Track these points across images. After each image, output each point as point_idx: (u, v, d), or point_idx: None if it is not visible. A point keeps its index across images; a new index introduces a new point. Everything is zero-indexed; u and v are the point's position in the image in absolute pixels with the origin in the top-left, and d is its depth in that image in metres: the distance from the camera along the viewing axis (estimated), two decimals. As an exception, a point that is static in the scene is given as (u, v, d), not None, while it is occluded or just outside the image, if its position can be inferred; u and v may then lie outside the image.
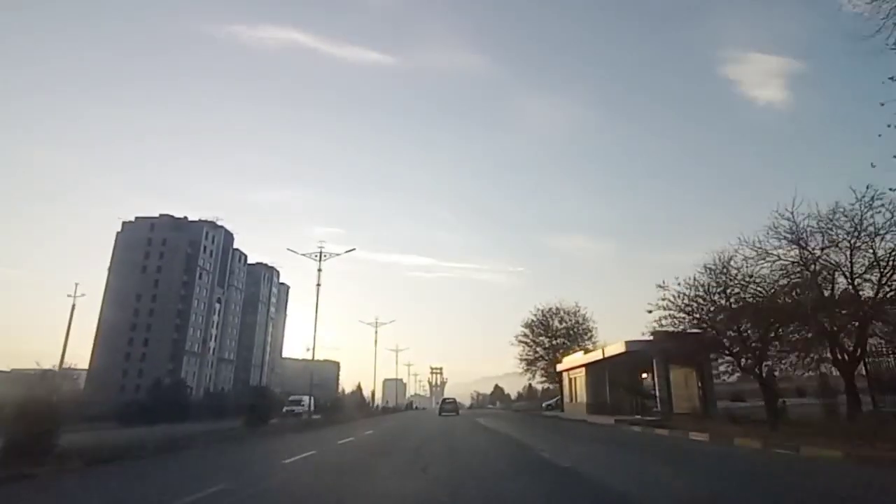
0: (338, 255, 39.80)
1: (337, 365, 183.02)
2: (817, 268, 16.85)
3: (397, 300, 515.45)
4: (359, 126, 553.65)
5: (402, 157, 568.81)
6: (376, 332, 64.43)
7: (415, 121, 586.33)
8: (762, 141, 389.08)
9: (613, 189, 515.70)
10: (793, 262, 17.28)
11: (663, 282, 20.08)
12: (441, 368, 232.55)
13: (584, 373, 35.26)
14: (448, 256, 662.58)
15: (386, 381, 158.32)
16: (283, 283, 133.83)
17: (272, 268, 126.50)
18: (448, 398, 63.05)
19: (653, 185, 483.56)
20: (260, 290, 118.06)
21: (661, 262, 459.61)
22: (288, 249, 40.78)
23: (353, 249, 42.92)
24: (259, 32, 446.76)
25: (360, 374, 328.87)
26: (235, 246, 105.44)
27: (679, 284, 19.87)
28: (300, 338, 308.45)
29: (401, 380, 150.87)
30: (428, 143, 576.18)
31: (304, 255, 39.26)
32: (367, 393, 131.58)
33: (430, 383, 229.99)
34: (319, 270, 38.22)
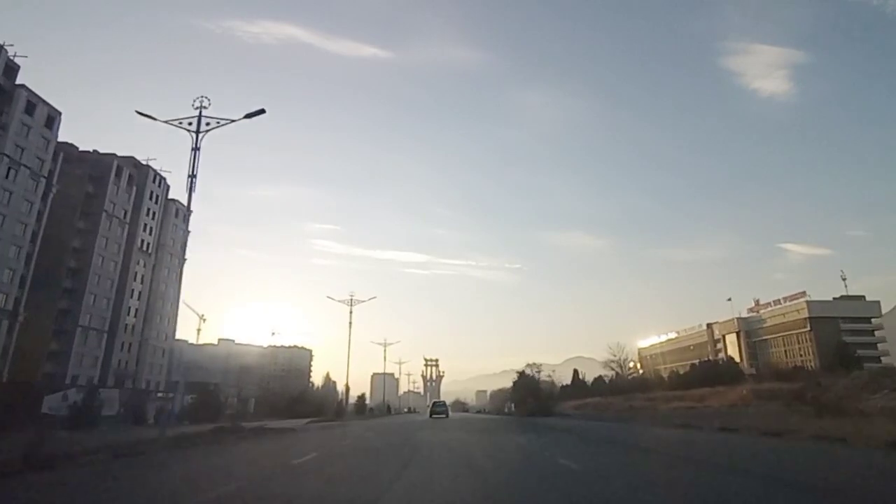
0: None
1: (309, 353, 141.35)
2: None
3: (393, 296, 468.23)
4: (354, 121, 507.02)
5: (399, 152, 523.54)
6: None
7: (411, 115, 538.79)
8: (764, 133, 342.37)
9: (612, 184, 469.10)
10: None
11: None
12: (437, 360, 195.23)
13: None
14: (444, 253, 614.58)
15: (375, 375, 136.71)
16: (174, 201, 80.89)
17: (146, 167, 73.59)
18: (438, 401, 68.48)
19: (653, 179, 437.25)
20: (107, 195, 65.03)
21: (661, 257, 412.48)
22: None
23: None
24: (255, 27, 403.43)
25: (351, 367, 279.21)
26: (22, 83, 52.59)
27: None
28: (262, 321, 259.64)
29: (392, 375, 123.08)
30: (425, 138, 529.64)
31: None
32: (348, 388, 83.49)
33: (424, 378, 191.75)
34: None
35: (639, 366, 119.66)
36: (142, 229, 72.14)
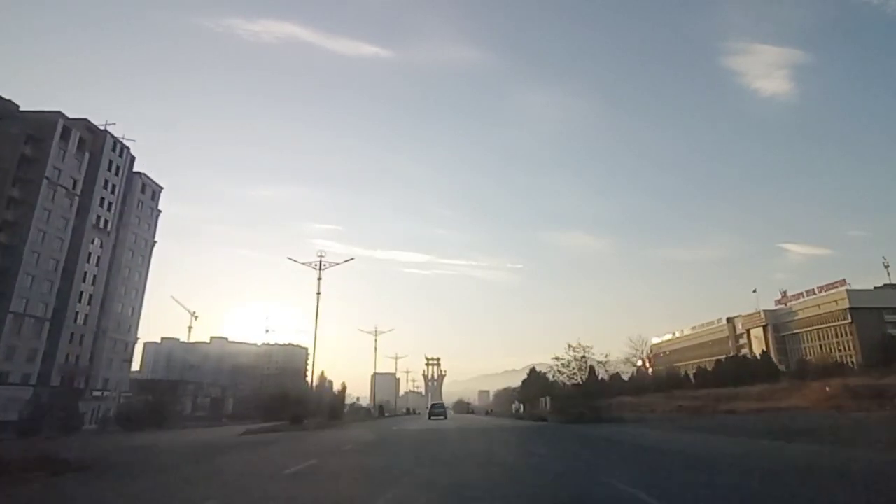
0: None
1: (305, 351, 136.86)
2: None
3: (393, 296, 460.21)
4: (356, 121, 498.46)
5: (400, 152, 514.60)
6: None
7: (413, 116, 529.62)
8: (764, 133, 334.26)
9: (614, 184, 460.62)
10: None
11: None
12: (438, 359, 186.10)
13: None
14: (446, 253, 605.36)
15: (375, 375, 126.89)
16: (140, 174, 71.60)
17: (103, 132, 64.21)
18: (437, 403, 68.39)
19: (653, 179, 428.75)
20: (49, 159, 55.57)
21: (661, 257, 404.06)
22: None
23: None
24: (256, 26, 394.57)
25: (348, 366, 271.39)
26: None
27: None
28: (258, 320, 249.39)
29: (392, 375, 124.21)
30: (426, 139, 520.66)
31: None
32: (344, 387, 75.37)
33: (425, 377, 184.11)
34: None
35: (647, 363, 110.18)
36: (98, 203, 62.71)
